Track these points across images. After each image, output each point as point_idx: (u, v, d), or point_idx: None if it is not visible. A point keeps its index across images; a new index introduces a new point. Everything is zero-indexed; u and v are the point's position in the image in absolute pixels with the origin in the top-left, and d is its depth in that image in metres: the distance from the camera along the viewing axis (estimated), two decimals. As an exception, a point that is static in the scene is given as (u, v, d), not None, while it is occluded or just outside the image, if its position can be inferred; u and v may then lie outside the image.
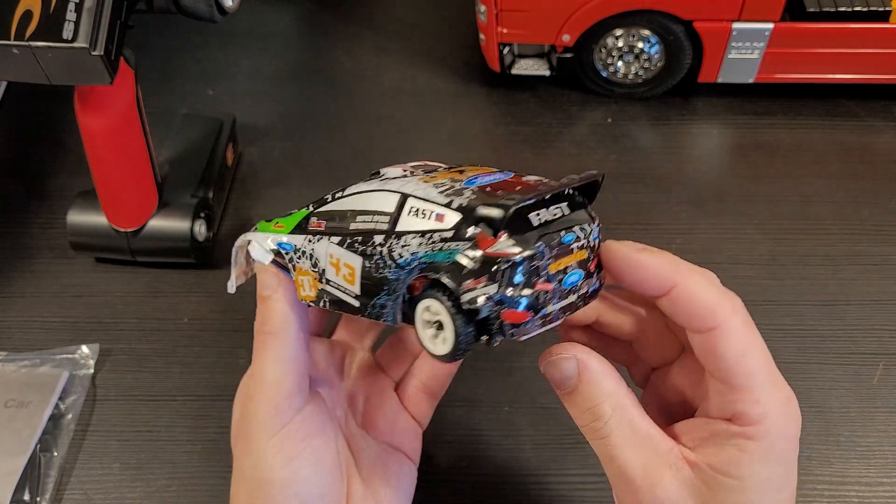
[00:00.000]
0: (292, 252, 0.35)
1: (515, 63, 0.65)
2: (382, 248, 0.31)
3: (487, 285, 0.28)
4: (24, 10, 0.41)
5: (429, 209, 0.30)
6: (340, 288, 0.33)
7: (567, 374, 0.31)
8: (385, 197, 0.32)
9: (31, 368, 0.50)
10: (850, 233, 0.57)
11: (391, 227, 0.31)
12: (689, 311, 0.30)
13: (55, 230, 0.58)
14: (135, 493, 0.46)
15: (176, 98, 0.67)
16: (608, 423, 0.31)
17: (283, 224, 0.36)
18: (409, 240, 0.30)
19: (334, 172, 0.62)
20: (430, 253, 0.29)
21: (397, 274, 0.30)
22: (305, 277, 0.35)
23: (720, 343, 0.30)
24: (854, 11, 0.58)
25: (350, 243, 0.32)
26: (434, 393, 0.41)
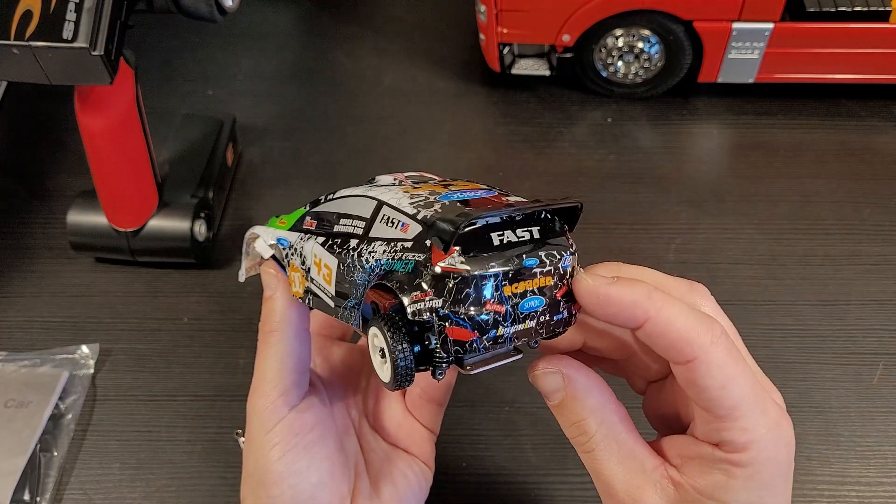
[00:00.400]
0: (287, 248, 0.36)
1: (515, 63, 0.65)
2: (354, 252, 0.31)
3: (434, 299, 0.27)
4: (24, 10, 0.41)
5: (397, 218, 0.30)
6: (321, 287, 0.33)
7: (552, 387, 0.31)
8: (365, 203, 0.32)
9: (31, 368, 0.50)
10: (850, 233, 0.57)
11: (365, 233, 0.31)
12: (665, 344, 0.29)
13: (55, 230, 0.58)
14: (135, 493, 0.46)
15: (176, 98, 0.67)
16: (593, 438, 0.31)
17: (285, 220, 0.37)
18: (376, 246, 0.30)
19: (334, 172, 0.62)
20: (390, 261, 0.29)
21: (364, 279, 0.30)
22: (296, 274, 0.35)
23: (700, 375, 0.29)
24: (854, 11, 0.58)
25: (330, 245, 0.33)
26: (436, 400, 0.41)
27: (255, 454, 0.35)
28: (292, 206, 0.37)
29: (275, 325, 0.36)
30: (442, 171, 0.61)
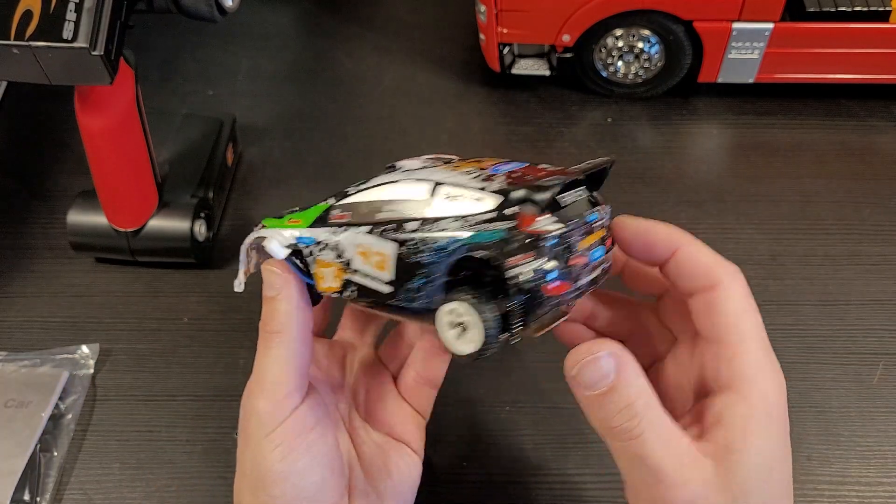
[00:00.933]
0: (313, 245, 0.35)
1: (515, 63, 0.65)
2: (417, 233, 0.32)
3: (531, 261, 0.29)
4: (24, 10, 0.41)
5: (465, 194, 0.31)
6: (370, 275, 0.34)
7: (603, 372, 0.30)
8: (414, 185, 0.33)
9: (31, 368, 0.50)
10: (850, 233, 0.57)
11: (424, 213, 0.32)
12: (693, 271, 0.33)
13: (55, 230, 0.58)
14: (135, 493, 0.46)
15: (176, 98, 0.67)
16: (642, 422, 0.30)
17: (298, 219, 0.37)
18: (445, 224, 0.31)
19: (334, 172, 0.62)
20: (473, 235, 0.30)
21: (433, 257, 0.31)
22: (328, 269, 0.35)
23: (722, 299, 0.32)
24: (854, 11, 0.58)
25: (382, 231, 0.33)
26: (431, 382, 0.41)
27: (254, 454, 0.35)
28: (292, 206, 0.37)
29: (279, 326, 0.35)
30: (442, 171, 0.61)
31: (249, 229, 0.55)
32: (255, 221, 0.59)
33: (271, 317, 0.35)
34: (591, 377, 0.31)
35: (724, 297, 0.32)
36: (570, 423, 0.48)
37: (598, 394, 0.31)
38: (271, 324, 0.35)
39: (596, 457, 0.46)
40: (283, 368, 0.35)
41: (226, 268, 0.56)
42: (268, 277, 0.36)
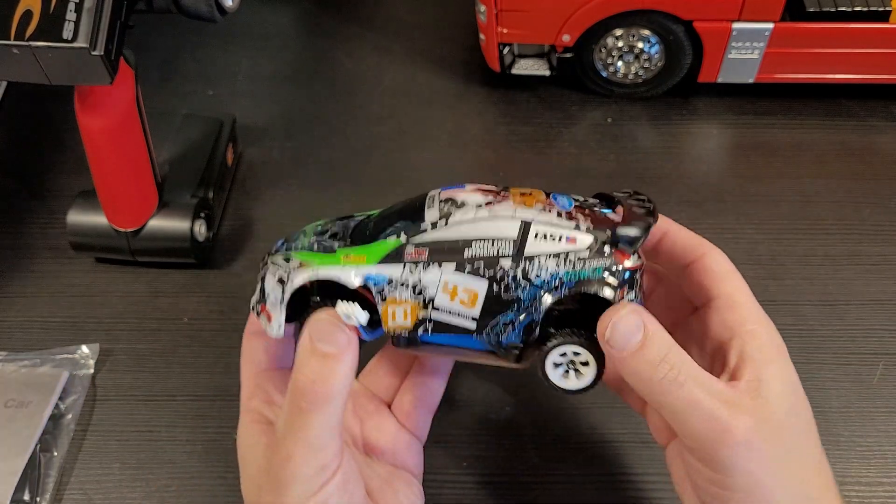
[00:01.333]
0: (384, 284, 0.34)
1: (515, 63, 0.65)
2: (514, 270, 0.34)
3: (629, 292, 0.34)
4: (24, 9, 0.41)
5: (557, 233, 0.34)
6: (453, 312, 0.35)
7: (634, 328, 0.32)
8: (504, 224, 0.34)
9: (31, 368, 0.50)
10: (850, 233, 0.57)
11: (519, 251, 0.34)
12: (683, 246, 0.38)
13: (55, 230, 0.58)
14: (135, 493, 0.46)
15: (176, 98, 0.67)
16: (682, 369, 0.32)
17: (359, 255, 0.35)
18: (543, 261, 0.34)
19: (334, 172, 0.62)
20: (572, 272, 0.34)
21: (532, 293, 0.34)
22: (400, 307, 0.35)
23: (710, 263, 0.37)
24: (854, 11, 0.58)
25: (472, 269, 0.34)
26: (430, 406, 0.41)
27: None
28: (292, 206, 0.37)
29: (332, 392, 0.32)
30: (442, 171, 0.61)
31: (249, 229, 0.55)
32: (255, 221, 0.60)
33: (327, 378, 0.32)
34: (623, 335, 0.32)
35: (712, 261, 0.37)
36: (570, 423, 0.48)
37: (634, 351, 0.32)
38: (325, 386, 0.32)
39: (596, 457, 0.46)
40: (330, 433, 0.33)
41: (226, 268, 0.56)
42: (328, 329, 0.33)
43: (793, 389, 0.34)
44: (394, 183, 0.61)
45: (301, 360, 0.33)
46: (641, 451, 0.47)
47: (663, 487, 0.45)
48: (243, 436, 0.37)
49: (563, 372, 0.34)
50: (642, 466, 0.46)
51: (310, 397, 0.32)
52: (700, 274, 0.37)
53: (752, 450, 0.32)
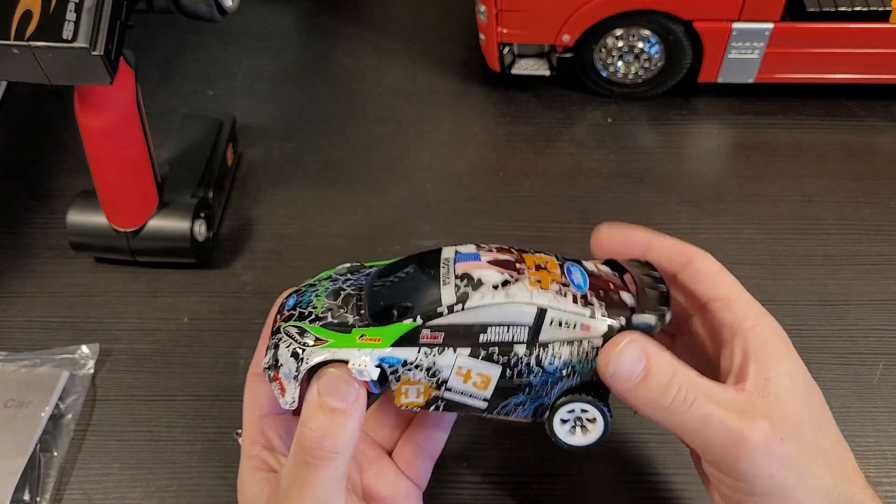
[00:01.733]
0: (399, 366, 0.35)
1: (515, 63, 0.65)
2: (528, 357, 0.34)
3: None
4: (24, 9, 0.41)
5: (573, 320, 0.34)
6: (466, 393, 0.35)
7: (636, 358, 0.33)
8: (520, 311, 0.34)
9: (31, 368, 0.50)
10: (850, 233, 0.57)
11: (533, 338, 0.34)
12: (669, 254, 0.38)
13: (55, 230, 0.58)
14: (135, 493, 0.46)
15: (176, 98, 0.67)
16: (689, 389, 0.32)
17: (374, 337, 0.35)
18: (556, 349, 0.34)
19: (334, 172, 0.62)
20: (585, 361, 0.35)
21: (543, 378, 0.35)
22: (413, 387, 0.35)
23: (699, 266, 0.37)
24: (854, 11, 0.58)
25: (486, 355, 0.34)
26: (432, 455, 0.41)
27: None
28: (292, 206, 0.37)
29: (340, 447, 0.32)
30: (442, 171, 0.61)
31: (249, 229, 0.55)
32: (254, 221, 0.60)
33: (334, 434, 0.32)
34: (626, 367, 0.33)
35: (700, 264, 0.37)
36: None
37: (638, 381, 0.33)
38: (332, 441, 0.31)
39: (595, 457, 0.46)
40: (336, 488, 0.32)
41: (226, 268, 0.56)
42: (336, 386, 0.32)
43: (802, 380, 0.34)
44: (394, 183, 0.61)
45: (309, 413, 0.32)
46: (642, 451, 0.47)
47: (663, 487, 0.45)
48: (245, 483, 0.37)
49: (570, 428, 0.35)
50: (642, 466, 0.46)
51: (317, 453, 0.32)
52: (691, 279, 0.37)
53: (770, 453, 0.32)
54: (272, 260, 0.56)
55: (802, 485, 0.33)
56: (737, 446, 0.32)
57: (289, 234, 0.58)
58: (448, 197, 0.60)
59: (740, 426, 0.32)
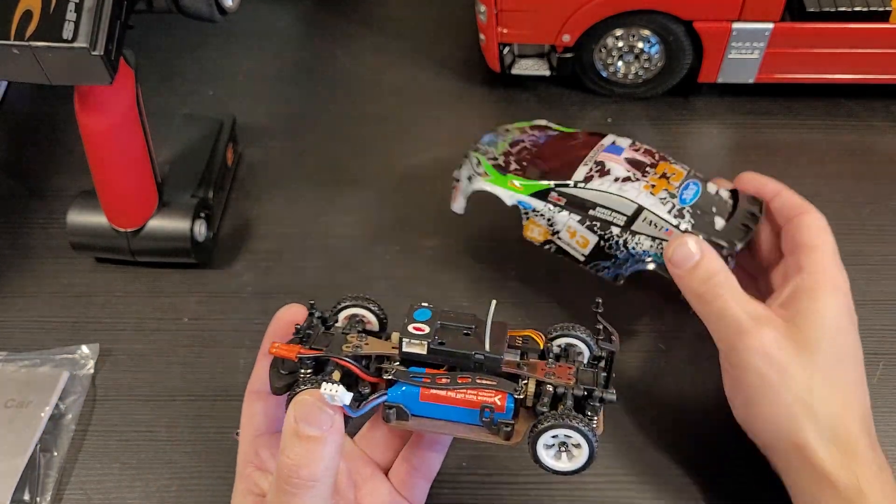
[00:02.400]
0: (530, 210, 0.47)
1: (515, 63, 0.65)
2: (619, 238, 0.46)
3: None
4: (24, 10, 0.41)
5: (661, 224, 0.45)
6: (571, 247, 0.47)
7: (692, 251, 0.42)
8: (624, 203, 0.45)
9: (31, 368, 0.50)
10: (850, 233, 0.56)
11: (627, 225, 0.45)
12: (791, 204, 0.45)
13: (55, 230, 0.58)
14: (135, 493, 0.46)
15: (176, 98, 0.67)
16: (723, 285, 0.41)
17: (520, 185, 0.47)
18: (641, 240, 0.45)
19: (334, 172, 0.62)
20: (660, 254, 0.45)
21: (625, 256, 0.46)
22: (537, 228, 0.47)
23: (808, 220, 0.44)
24: (854, 11, 0.58)
25: (590, 225, 0.46)
26: (428, 476, 0.41)
27: None
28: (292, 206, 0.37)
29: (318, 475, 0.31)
30: (442, 171, 0.61)
31: (249, 229, 0.55)
32: (255, 222, 0.59)
33: (309, 461, 0.31)
34: (682, 255, 0.42)
35: (809, 219, 0.44)
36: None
37: (688, 269, 0.42)
38: (309, 470, 0.31)
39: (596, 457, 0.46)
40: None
41: (226, 268, 0.56)
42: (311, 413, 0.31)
43: (837, 325, 0.40)
44: (394, 183, 0.61)
45: (286, 442, 0.32)
46: (641, 451, 0.47)
47: (664, 487, 0.45)
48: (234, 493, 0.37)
49: (554, 453, 0.35)
50: (642, 466, 0.46)
51: (294, 482, 0.31)
52: (795, 227, 0.44)
53: (766, 355, 0.39)
54: (272, 260, 0.56)
55: (785, 389, 0.39)
56: (738, 340, 0.40)
57: (289, 234, 0.58)
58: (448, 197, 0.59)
59: (747, 325, 0.39)
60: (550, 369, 0.36)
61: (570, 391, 0.35)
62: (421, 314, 0.36)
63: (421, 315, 0.36)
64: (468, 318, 0.36)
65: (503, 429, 0.35)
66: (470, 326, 0.36)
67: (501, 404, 0.35)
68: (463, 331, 0.36)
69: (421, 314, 0.36)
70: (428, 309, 0.36)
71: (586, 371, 0.36)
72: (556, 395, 0.35)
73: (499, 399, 0.35)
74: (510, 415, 0.35)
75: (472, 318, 0.36)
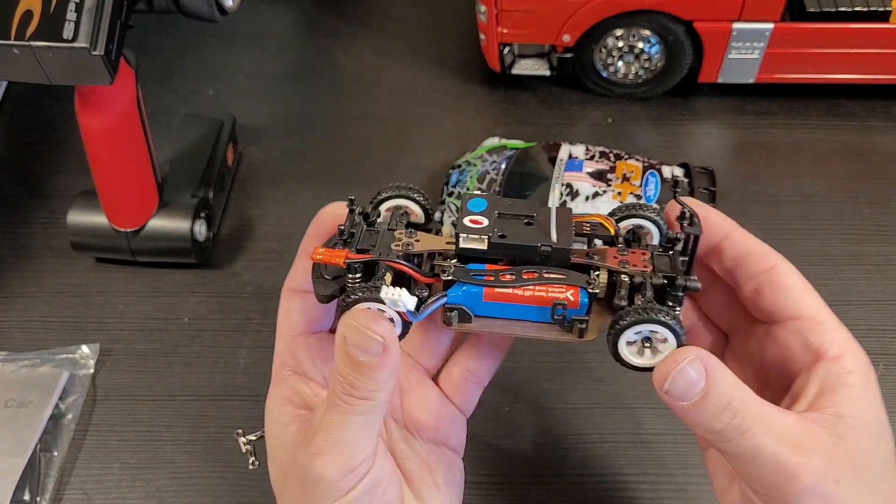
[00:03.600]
0: None
1: (515, 63, 0.65)
2: None
3: None
4: (25, 10, 0.41)
5: None
6: None
7: (695, 379, 0.30)
8: None
9: (31, 368, 0.50)
10: (850, 233, 0.57)
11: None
12: (746, 252, 0.34)
13: (55, 230, 0.58)
14: (135, 493, 0.46)
15: (176, 98, 0.67)
16: (746, 417, 0.30)
17: None
18: None
19: (334, 172, 0.62)
20: None
21: None
22: None
23: (784, 277, 0.33)
24: (854, 11, 0.58)
25: None
26: (482, 381, 0.38)
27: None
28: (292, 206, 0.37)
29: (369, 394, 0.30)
30: (442, 171, 0.61)
31: (249, 229, 0.55)
32: (255, 221, 0.59)
33: (363, 384, 0.30)
34: (683, 387, 0.30)
35: (785, 275, 0.33)
36: (570, 422, 0.48)
37: (695, 402, 0.30)
38: (361, 390, 0.30)
39: (595, 457, 0.46)
40: (363, 435, 0.31)
41: (226, 268, 0.56)
42: (363, 341, 0.30)
43: (876, 424, 0.32)
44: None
45: (338, 358, 0.31)
46: (641, 451, 0.47)
47: (663, 487, 0.45)
48: (273, 415, 0.34)
49: (637, 349, 0.32)
50: (642, 466, 0.46)
51: (346, 398, 0.30)
52: (771, 289, 0.33)
53: (820, 495, 0.30)
54: (272, 260, 0.56)
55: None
56: (786, 484, 0.30)
57: (289, 234, 0.58)
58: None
59: (793, 463, 0.29)
60: (623, 257, 0.32)
61: (648, 280, 0.31)
62: (475, 204, 0.32)
63: (475, 205, 0.32)
64: (527, 205, 0.32)
65: (577, 326, 0.32)
66: (531, 215, 0.32)
67: (575, 300, 0.31)
68: (524, 220, 0.32)
69: (475, 204, 0.32)
70: (482, 198, 0.32)
71: (662, 256, 0.32)
72: (633, 285, 0.31)
73: (571, 294, 0.31)
74: (584, 311, 0.32)
75: (532, 205, 0.32)
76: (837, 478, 0.30)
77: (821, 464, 0.30)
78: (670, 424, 0.47)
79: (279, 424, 0.34)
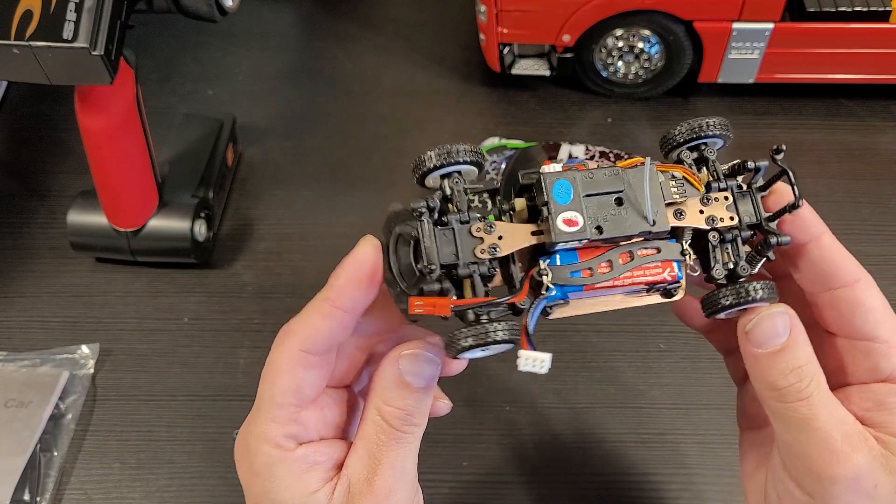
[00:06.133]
0: None
1: (515, 63, 0.65)
2: None
3: None
4: (24, 9, 0.41)
5: None
6: None
7: (778, 330, 0.30)
8: None
9: (31, 368, 0.50)
10: (850, 233, 0.56)
11: None
12: (834, 260, 0.33)
13: (55, 230, 0.58)
14: (135, 493, 0.46)
15: (176, 98, 0.67)
16: (811, 384, 0.30)
17: None
18: None
19: (334, 172, 0.62)
20: None
21: None
22: None
23: (867, 296, 0.32)
24: (854, 11, 0.58)
25: None
26: None
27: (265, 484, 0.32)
28: (292, 206, 0.36)
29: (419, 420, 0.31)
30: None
31: (249, 229, 0.55)
32: (255, 222, 0.60)
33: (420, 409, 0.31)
34: (764, 334, 0.30)
35: (868, 295, 0.32)
36: (570, 422, 0.48)
37: (769, 352, 0.30)
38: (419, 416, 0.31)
39: (595, 457, 0.46)
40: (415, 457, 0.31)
41: (226, 268, 0.56)
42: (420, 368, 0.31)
43: None
44: (394, 183, 0.61)
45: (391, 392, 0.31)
46: (641, 451, 0.47)
47: (663, 487, 0.45)
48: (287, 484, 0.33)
49: None
50: (642, 466, 0.46)
51: (409, 429, 0.31)
52: (850, 306, 0.32)
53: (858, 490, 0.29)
54: (272, 260, 0.56)
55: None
56: (827, 466, 0.29)
57: (289, 234, 0.58)
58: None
59: (840, 447, 0.29)
60: (707, 208, 0.31)
61: (738, 236, 0.31)
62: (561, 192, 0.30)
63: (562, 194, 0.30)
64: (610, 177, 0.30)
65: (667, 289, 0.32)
66: (619, 190, 0.30)
67: (672, 277, 0.31)
68: (613, 197, 0.30)
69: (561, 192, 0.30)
70: (564, 179, 0.30)
71: (743, 199, 0.32)
72: (722, 239, 0.31)
73: (669, 274, 0.31)
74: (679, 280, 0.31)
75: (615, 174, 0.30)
76: (878, 483, 0.29)
77: (866, 463, 0.29)
78: (671, 425, 0.47)
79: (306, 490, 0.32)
